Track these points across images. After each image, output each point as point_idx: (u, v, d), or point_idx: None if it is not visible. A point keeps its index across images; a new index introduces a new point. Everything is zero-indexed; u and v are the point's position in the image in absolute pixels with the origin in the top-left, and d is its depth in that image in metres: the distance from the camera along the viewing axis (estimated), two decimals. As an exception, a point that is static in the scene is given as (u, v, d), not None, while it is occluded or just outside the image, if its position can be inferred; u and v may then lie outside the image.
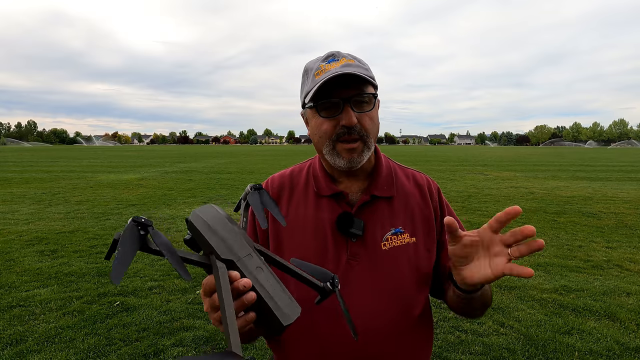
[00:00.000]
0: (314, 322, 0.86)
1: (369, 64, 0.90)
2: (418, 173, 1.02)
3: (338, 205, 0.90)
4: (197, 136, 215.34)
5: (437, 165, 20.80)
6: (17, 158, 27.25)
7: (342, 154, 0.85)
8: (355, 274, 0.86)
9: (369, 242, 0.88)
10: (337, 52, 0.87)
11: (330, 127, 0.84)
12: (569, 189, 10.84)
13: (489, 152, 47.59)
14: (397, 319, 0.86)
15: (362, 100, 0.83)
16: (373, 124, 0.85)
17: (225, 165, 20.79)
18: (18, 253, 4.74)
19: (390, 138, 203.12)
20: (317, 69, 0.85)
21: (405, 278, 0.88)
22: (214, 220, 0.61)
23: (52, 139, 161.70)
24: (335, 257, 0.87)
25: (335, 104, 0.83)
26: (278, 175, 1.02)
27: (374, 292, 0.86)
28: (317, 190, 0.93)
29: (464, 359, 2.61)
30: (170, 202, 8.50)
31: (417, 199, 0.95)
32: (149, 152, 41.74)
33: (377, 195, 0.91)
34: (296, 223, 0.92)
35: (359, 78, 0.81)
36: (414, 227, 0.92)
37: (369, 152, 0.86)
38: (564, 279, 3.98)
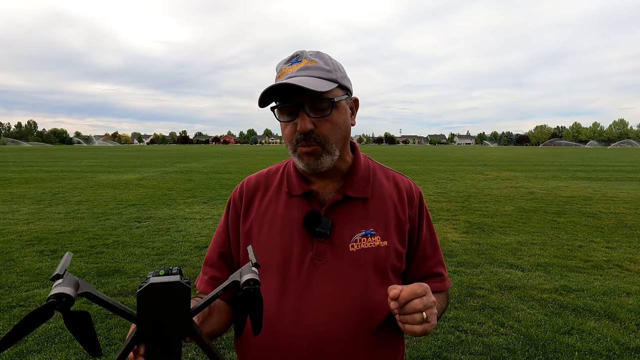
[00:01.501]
0: (270, 319, 0.84)
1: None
2: (400, 175, 1.00)
3: (308, 204, 0.90)
4: (197, 136, 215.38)
5: (437, 165, 20.80)
6: (17, 158, 27.25)
7: (301, 157, 0.84)
8: (319, 274, 0.85)
9: (336, 242, 0.86)
10: (302, 52, 0.84)
11: (290, 131, 0.83)
12: (569, 189, 10.84)
13: (489, 152, 47.60)
14: (358, 321, 0.84)
15: (319, 106, 0.81)
16: (334, 128, 0.83)
17: (225, 165, 20.79)
18: (18, 253, 4.74)
19: (390, 138, 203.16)
20: (279, 71, 0.84)
21: (371, 281, 0.86)
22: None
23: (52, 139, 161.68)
24: (300, 256, 0.86)
25: (292, 109, 0.82)
26: (255, 175, 1.02)
27: (335, 292, 0.84)
28: (288, 190, 0.92)
29: (464, 359, 2.61)
30: (170, 202, 8.50)
31: (394, 202, 0.93)
32: (149, 152, 41.74)
33: (350, 196, 0.89)
34: (265, 221, 0.92)
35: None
36: (387, 231, 0.90)
37: (331, 156, 0.84)
38: (564, 279, 3.98)
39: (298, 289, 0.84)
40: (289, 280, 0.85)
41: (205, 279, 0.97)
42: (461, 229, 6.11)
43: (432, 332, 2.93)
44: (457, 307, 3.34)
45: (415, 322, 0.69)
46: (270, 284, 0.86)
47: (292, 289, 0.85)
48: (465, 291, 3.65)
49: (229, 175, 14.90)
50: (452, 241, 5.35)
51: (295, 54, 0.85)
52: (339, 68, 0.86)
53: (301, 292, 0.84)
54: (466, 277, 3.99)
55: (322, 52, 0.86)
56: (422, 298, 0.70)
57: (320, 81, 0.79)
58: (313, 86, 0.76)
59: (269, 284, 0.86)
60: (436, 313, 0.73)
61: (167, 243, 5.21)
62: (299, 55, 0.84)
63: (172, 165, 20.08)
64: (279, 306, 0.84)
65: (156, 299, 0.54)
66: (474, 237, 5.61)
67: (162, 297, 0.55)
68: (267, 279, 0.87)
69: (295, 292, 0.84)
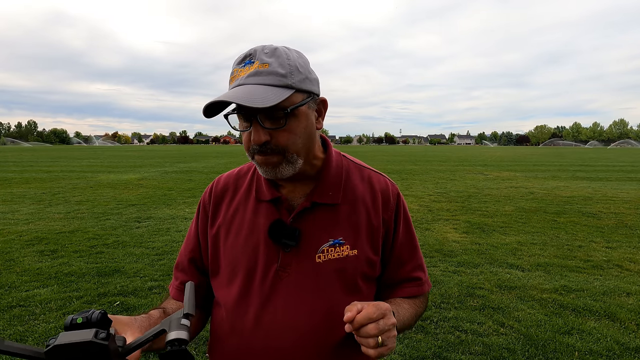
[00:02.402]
0: (231, 336, 0.83)
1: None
2: (377, 175, 0.93)
3: (277, 211, 0.85)
4: (197, 136, 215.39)
5: (437, 165, 20.80)
6: (17, 158, 27.25)
7: (260, 165, 0.79)
8: (283, 287, 0.81)
9: (303, 253, 0.82)
10: (255, 52, 0.74)
11: (247, 140, 0.78)
12: (569, 189, 10.84)
13: (489, 152, 47.59)
14: (319, 336, 0.80)
15: (273, 116, 0.74)
16: (292, 137, 0.76)
17: (225, 165, 20.79)
18: (18, 253, 4.74)
19: (390, 138, 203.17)
20: (232, 73, 0.77)
21: (337, 294, 0.82)
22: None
23: (52, 139, 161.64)
24: (265, 267, 0.82)
25: (246, 116, 0.75)
26: (225, 176, 0.97)
27: (297, 306, 0.80)
28: (256, 195, 0.88)
29: (464, 359, 2.61)
30: (170, 202, 8.49)
31: (367, 206, 0.87)
32: (149, 152, 41.73)
33: (319, 202, 0.84)
34: (232, 227, 0.88)
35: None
36: (357, 238, 0.84)
37: (293, 165, 0.78)
38: (564, 279, 3.98)
39: (260, 303, 0.81)
40: (252, 292, 0.82)
41: (176, 284, 0.95)
42: (461, 229, 6.11)
43: (432, 332, 2.93)
44: (457, 307, 3.34)
45: (369, 346, 0.67)
46: (234, 294, 0.84)
47: (254, 301, 0.81)
48: (465, 291, 3.65)
49: (229, 175, 14.89)
50: (452, 241, 5.35)
51: (249, 52, 0.75)
52: (298, 69, 0.75)
53: (263, 306, 0.81)
54: (466, 277, 3.99)
55: (281, 49, 0.75)
56: (377, 322, 0.67)
57: (271, 90, 0.71)
58: (258, 101, 0.68)
59: (234, 294, 0.84)
60: (395, 335, 0.71)
61: (167, 243, 5.21)
62: (252, 55, 0.74)
63: (172, 165, 20.08)
64: (242, 319, 0.82)
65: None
66: (474, 237, 5.61)
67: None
68: (232, 289, 0.85)
69: (257, 305, 0.81)
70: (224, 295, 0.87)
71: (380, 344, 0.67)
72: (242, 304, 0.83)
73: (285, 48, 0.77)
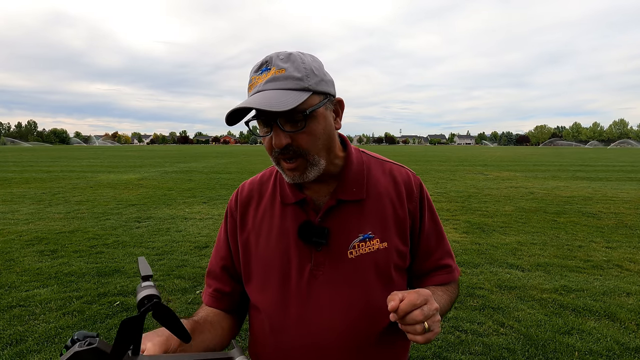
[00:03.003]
0: (275, 332, 0.85)
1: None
2: (397, 167, 0.94)
3: (303, 213, 0.86)
4: (197, 136, 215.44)
5: (437, 165, 20.80)
6: (17, 158, 27.25)
7: (286, 172, 0.81)
8: (320, 285, 0.83)
9: (334, 250, 0.84)
10: (271, 59, 0.76)
11: (269, 145, 0.79)
12: (569, 189, 10.84)
13: (489, 152, 47.60)
14: (362, 331, 0.83)
15: (292, 119, 0.75)
16: (313, 139, 0.77)
17: (225, 165, 20.80)
18: (18, 253, 4.74)
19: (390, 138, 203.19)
20: (250, 81, 0.78)
21: (373, 287, 0.84)
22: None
23: (52, 139, 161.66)
24: (299, 268, 0.84)
25: (266, 121, 0.77)
26: (248, 182, 0.99)
27: (338, 303, 0.82)
28: (281, 199, 0.90)
29: (464, 359, 2.61)
30: (170, 202, 8.50)
31: (392, 198, 0.89)
32: (149, 152, 41.74)
33: (344, 199, 0.86)
34: (261, 233, 0.90)
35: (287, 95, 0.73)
36: (386, 231, 0.86)
37: (316, 167, 0.80)
38: (564, 279, 3.98)
39: (300, 302, 0.83)
40: (290, 293, 0.84)
41: (209, 292, 0.96)
42: (461, 229, 6.11)
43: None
44: (457, 307, 3.33)
45: (416, 332, 0.68)
46: (273, 297, 0.86)
47: (294, 302, 0.84)
48: (465, 291, 3.65)
49: (229, 175, 14.90)
50: (452, 241, 5.35)
51: (265, 60, 0.78)
52: (313, 71, 0.77)
53: (303, 305, 0.83)
54: (466, 277, 3.99)
55: (295, 54, 0.77)
56: (422, 308, 0.68)
57: (289, 94, 0.73)
58: (278, 105, 0.70)
59: (271, 298, 0.86)
60: (439, 320, 0.71)
61: (167, 243, 5.21)
62: (268, 62, 0.77)
63: (172, 165, 20.08)
64: (284, 320, 0.84)
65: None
66: (474, 237, 5.61)
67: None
68: (268, 293, 0.87)
69: (297, 305, 0.83)
70: (261, 299, 0.88)
71: (427, 330, 0.68)
72: (282, 306, 0.84)
73: (299, 53, 0.79)
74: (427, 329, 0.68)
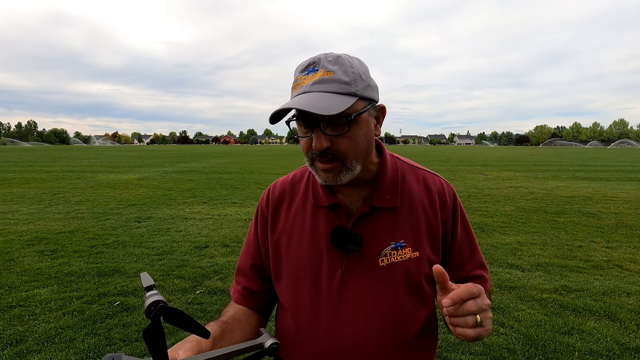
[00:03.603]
0: (304, 336, 0.85)
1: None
2: (431, 175, 0.93)
3: (336, 217, 0.86)
4: (197, 136, 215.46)
5: (437, 165, 20.81)
6: (17, 158, 27.26)
7: (319, 172, 0.80)
8: (350, 291, 0.83)
9: (366, 257, 0.83)
10: (319, 60, 0.76)
11: (306, 145, 0.79)
12: (569, 189, 10.84)
13: (489, 152, 47.61)
14: (391, 339, 0.82)
15: (335, 123, 0.75)
16: (353, 144, 0.77)
17: (225, 165, 20.80)
18: (18, 253, 4.74)
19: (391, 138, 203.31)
20: (295, 80, 0.78)
21: (403, 296, 0.84)
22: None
23: (52, 139, 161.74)
24: (330, 272, 0.84)
25: (308, 122, 0.76)
26: (280, 182, 0.98)
27: (367, 311, 0.82)
28: (314, 201, 0.89)
29: (464, 359, 2.61)
30: (170, 202, 8.50)
31: (425, 207, 0.88)
32: (149, 152, 41.75)
33: (378, 206, 0.85)
34: (293, 234, 0.89)
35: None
36: (418, 240, 0.85)
37: (351, 172, 0.79)
38: (564, 279, 3.98)
39: (330, 307, 0.83)
40: (321, 297, 0.84)
41: (238, 289, 0.96)
42: (461, 229, 6.11)
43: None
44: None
45: (467, 325, 0.65)
46: (303, 300, 0.86)
47: (324, 306, 0.83)
48: (465, 291, 3.65)
49: (229, 175, 14.90)
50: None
51: (312, 60, 0.77)
52: (361, 76, 0.76)
53: (333, 310, 0.83)
54: (466, 277, 3.99)
55: (344, 57, 0.76)
56: (476, 300, 0.65)
57: (337, 98, 0.72)
58: (325, 109, 0.69)
59: (301, 299, 0.86)
60: (491, 317, 0.68)
61: (167, 243, 5.21)
62: (315, 63, 0.76)
63: (172, 165, 20.09)
64: (314, 324, 0.84)
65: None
66: (474, 237, 5.61)
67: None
68: (299, 294, 0.86)
69: (327, 310, 0.83)
70: (291, 299, 0.88)
71: (478, 323, 0.65)
72: (313, 309, 0.84)
73: (347, 56, 0.77)
74: (479, 322, 0.65)
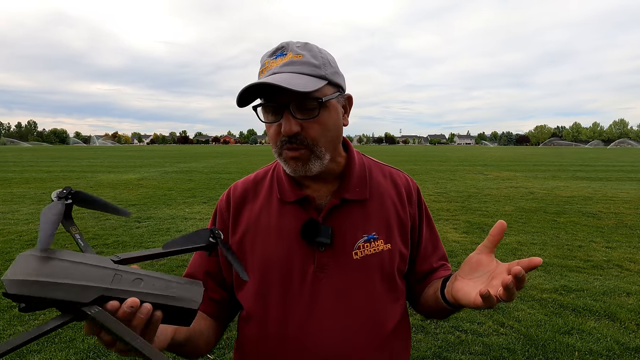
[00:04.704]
0: (273, 344, 0.80)
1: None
2: (396, 171, 0.94)
3: (304, 212, 0.82)
4: (197, 136, 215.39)
5: (437, 165, 20.80)
6: (17, 158, 27.24)
7: (287, 161, 0.77)
8: (324, 288, 0.79)
9: (338, 251, 0.80)
10: (287, 44, 0.75)
11: (275, 132, 0.76)
12: (569, 189, 10.83)
13: (489, 152, 47.60)
14: (368, 335, 0.79)
15: (306, 107, 0.72)
16: (323, 130, 0.75)
17: (225, 165, 20.79)
18: (18, 253, 4.73)
19: (390, 138, 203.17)
20: (262, 65, 0.76)
21: (378, 289, 0.81)
22: (38, 272, 0.49)
23: (52, 139, 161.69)
24: (302, 269, 0.80)
25: (276, 108, 0.74)
26: (242, 181, 0.93)
27: (343, 307, 0.79)
28: (280, 196, 0.85)
29: (464, 359, 2.61)
30: (170, 202, 8.49)
31: (394, 201, 0.87)
32: (149, 152, 41.73)
33: (348, 199, 0.83)
34: (257, 233, 0.84)
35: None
36: (390, 232, 0.84)
37: (321, 160, 0.77)
38: (564, 279, 3.98)
39: (302, 308, 0.79)
40: (291, 298, 0.79)
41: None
42: (461, 229, 6.11)
43: (432, 332, 2.93)
44: (457, 307, 3.34)
45: (512, 298, 0.62)
46: (271, 305, 0.80)
47: (295, 308, 0.79)
48: (465, 291, 3.65)
49: (229, 175, 14.90)
50: (452, 241, 5.35)
51: (281, 45, 0.76)
52: (330, 62, 0.76)
53: (306, 311, 0.79)
54: (466, 277, 3.99)
55: (311, 44, 0.76)
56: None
57: (307, 78, 0.71)
58: (297, 85, 0.68)
59: (270, 305, 0.81)
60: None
61: (167, 243, 5.20)
62: (284, 48, 0.75)
63: (172, 165, 20.08)
64: (284, 325, 0.79)
65: None
66: (474, 237, 5.61)
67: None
68: (268, 299, 0.81)
69: (299, 312, 0.79)
70: (257, 305, 0.82)
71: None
72: (283, 311, 0.79)
73: (315, 44, 0.78)
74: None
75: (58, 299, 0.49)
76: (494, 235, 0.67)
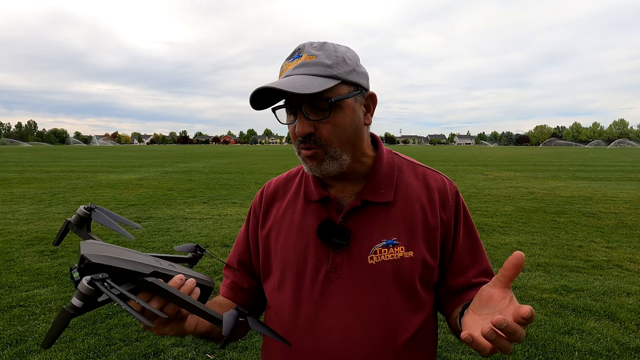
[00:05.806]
0: (285, 333, 0.82)
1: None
2: (432, 172, 0.88)
3: (325, 211, 0.82)
4: (197, 136, 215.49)
5: (437, 165, 20.81)
6: (17, 158, 27.25)
7: (304, 160, 0.78)
8: (334, 289, 0.78)
9: (354, 253, 0.79)
10: (304, 46, 0.75)
11: (292, 133, 0.77)
12: (569, 189, 10.84)
13: (489, 152, 47.61)
14: (376, 342, 0.77)
15: (317, 107, 0.72)
16: (336, 130, 0.74)
17: (225, 165, 20.79)
18: (18, 253, 4.74)
19: (390, 138, 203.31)
20: (281, 67, 0.78)
21: (393, 298, 0.78)
22: (109, 252, 0.64)
23: (52, 139, 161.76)
24: (315, 268, 0.80)
25: (292, 109, 0.75)
26: (275, 179, 0.97)
27: (351, 311, 0.77)
28: (305, 195, 0.86)
29: (464, 359, 2.61)
30: (170, 202, 8.50)
31: (423, 205, 0.82)
32: (149, 152, 41.75)
33: (370, 201, 0.81)
34: (283, 228, 0.87)
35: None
36: (413, 239, 0.80)
37: (337, 161, 0.76)
38: (564, 279, 3.98)
39: (311, 305, 0.79)
40: (303, 293, 0.81)
41: (226, 283, 0.96)
42: (461, 229, 6.11)
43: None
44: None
45: (508, 351, 0.57)
46: (285, 297, 0.83)
47: (305, 304, 0.80)
48: (465, 291, 3.65)
49: (229, 175, 14.90)
50: (452, 241, 5.35)
51: (298, 47, 0.76)
52: (345, 61, 0.74)
53: (314, 309, 0.79)
54: (466, 277, 3.99)
55: (329, 43, 0.75)
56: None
57: (315, 79, 0.70)
58: (301, 87, 0.67)
59: (284, 298, 0.84)
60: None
61: (167, 243, 5.21)
62: (300, 49, 0.75)
63: (172, 165, 20.08)
64: (294, 320, 0.81)
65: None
66: (474, 237, 5.61)
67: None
68: (282, 292, 0.84)
69: (308, 308, 0.80)
70: (275, 298, 0.86)
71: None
72: (294, 307, 0.81)
73: (334, 43, 0.77)
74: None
75: (129, 269, 0.61)
76: (508, 270, 0.58)
